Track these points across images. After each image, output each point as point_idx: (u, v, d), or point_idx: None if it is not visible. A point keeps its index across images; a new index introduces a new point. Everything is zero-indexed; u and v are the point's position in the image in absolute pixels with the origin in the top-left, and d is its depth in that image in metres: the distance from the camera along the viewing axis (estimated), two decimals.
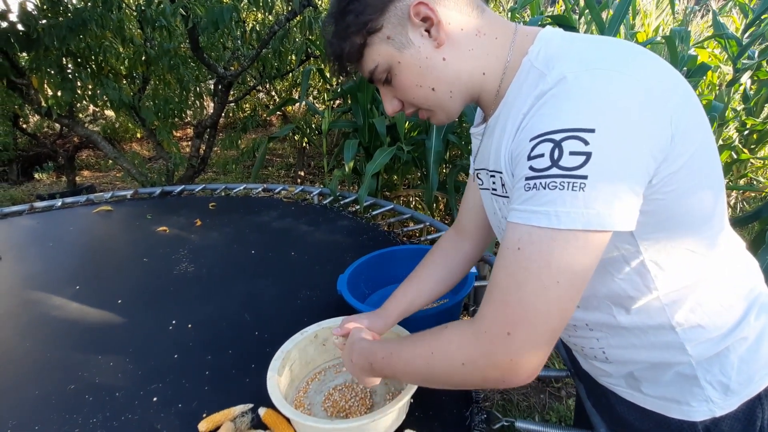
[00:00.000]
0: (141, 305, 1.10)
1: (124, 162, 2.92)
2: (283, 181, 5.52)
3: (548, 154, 0.41)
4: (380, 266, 1.10)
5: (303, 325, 0.84)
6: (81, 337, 0.97)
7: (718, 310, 0.52)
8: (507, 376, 0.45)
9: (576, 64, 0.44)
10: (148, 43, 2.78)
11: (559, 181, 0.41)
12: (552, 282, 0.42)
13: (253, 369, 0.84)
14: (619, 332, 0.55)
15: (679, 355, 0.53)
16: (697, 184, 0.47)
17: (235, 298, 1.12)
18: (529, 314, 0.43)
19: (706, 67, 2.02)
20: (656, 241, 0.49)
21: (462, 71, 0.52)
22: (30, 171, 6.33)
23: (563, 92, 0.43)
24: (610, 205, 0.41)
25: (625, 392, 0.60)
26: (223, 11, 1.63)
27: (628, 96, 0.42)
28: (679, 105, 0.44)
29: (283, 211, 1.86)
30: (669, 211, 0.47)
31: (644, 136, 0.42)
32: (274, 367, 0.70)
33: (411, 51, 0.51)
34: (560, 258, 0.41)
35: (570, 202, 0.40)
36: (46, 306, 1.11)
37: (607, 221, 0.41)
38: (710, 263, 0.52)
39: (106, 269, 1.34)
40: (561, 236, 0.41)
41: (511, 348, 0.44)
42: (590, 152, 0.40)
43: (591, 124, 0.40)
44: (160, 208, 1.96)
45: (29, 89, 2.22)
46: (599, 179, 0.40)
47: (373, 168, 1.86)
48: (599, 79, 0.42)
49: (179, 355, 0.89)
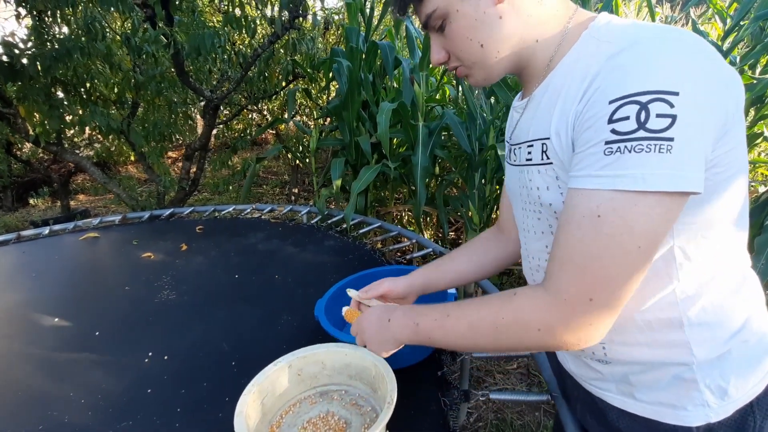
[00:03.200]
0: (118, 337, 1.08)
1: (114, 187, 2.92)
2: (277, 198, 5.52)
3: (634, 116, 0.41)
4: (361, 288, 1.08)
5: (282, 353, 0.82)
6: (54, 373, 0.95)
7: (726, 310, 0.51)
8: (584, 339, 0.47)
9: (647, 31, 0.44)
10: (137, 69, 2.81)
11: (646, 144, 0.40)
12: (634, 247, 0.42)
13: (227, 402, 0.82)
14: (626, 325, 0.53)
15: (682, 355, 0.51)
16: (738, 177, 0.47)
17: (215, 326, 1.10)
18: (610, 280, 0.43)
19: None
20: (689, 227, 0.48)
21: (515, 33, 0.53)
22: (25, 197, 6.33)
23: (642, 54, 0.42)
24: (692, 167, 0.41)
25: (615, 398, 0.58)
26: (204, 37, 1.65)
27: (701, 64, 0.42)
28: (737, 87, 0.45)
29: (270, 232, 1.85)
30: (711, 195, 0.46)
31: (715, 106, 0.42)
32: (243, 403, 0.68)
33: (471, 3, 0.52)
34: (644, 222, 0.42)
35: (658, 164, 0.40)
36: (21, 341, 1.09)
37: (691, 183, 0.41)
38: (730, 262, 0.51)
39: (86, 300, 1.32)
40: (646, 200, 0.41)
41: (593, 314, 0.45)
42: (676, 115, 0.40)
43: (676, 87, 0.40)
44: (147, 233, 1.95)
45: (16, 118, 2.23)
46: (684, 141, 0.40)
47: (358, 186, 1.86)
48: (678, 44, 0.42)
49: (152, 390, 0.87)
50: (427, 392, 0.80)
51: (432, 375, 0.85)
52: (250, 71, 2.54)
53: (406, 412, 0.74)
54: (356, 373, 0.80)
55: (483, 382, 1.77)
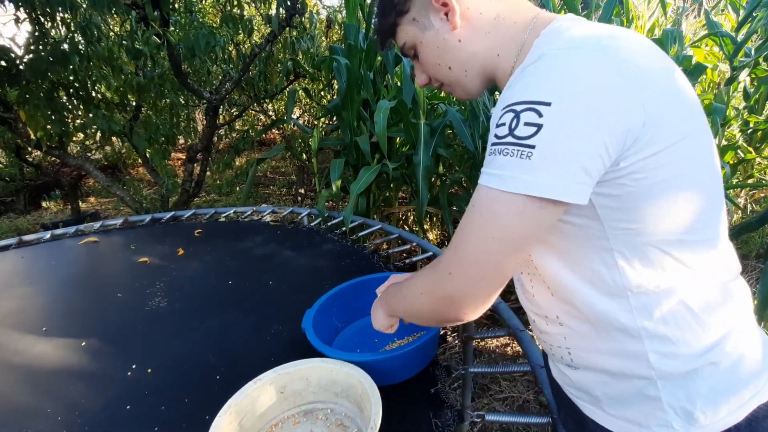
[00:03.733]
0: (105, 347, 1.05)
1: (118, 190, 2.92)
2: (284, 199, 5.50)
3: (508, 123, 0.45)
4: (354, 297, 1.04)
5: (268, 366, 0.78)
6: (36, 386, 0.92)
7: (692, 327, 0.49)
8: (451, 311, 0.51)
9: (562, 42, 0.46)
10: (140, 71, 2.80)
11: (511, 148, 0.44)
12: (489, 237, 0.46)
13: (207, 421, 0.77)
14: (585, 331, 0.54)
15: (642, 367, 0.51)
16: (676, 182, 0.47)
17: (203, 336, 1.06)
18: (466, 260, 0.48)
19: (702, 67, 1.95)
20: (625, 232, 0.48)
21: (477, 52, 0.57)
22: (38, 200, 6.44)
23: (536, 68, 0.45)
24: (552, 175, 0.43)
25: (587, 408, 0.58)
26: (198, 38, 1.61)
27: (595, 74, 0.43)
28: (659, 92, 0.45)
29: (268, 235, 1.81)
30: (640, 201, 0.47)
31: (605, 115, 0.43)
32: (217, 426, 0.64)
33: (431, 32, 0.58)
34: (501, 217, 0.45)
35: (516, 168, 0.44)
36: (8, 351, 1.06)
37: (546, 190, 0.43)
38: (693, 275, 0.49)
39: (77, 308, 1.29)
40: (505, 198, 0.45)
41: (450, 286, 0.50)
42: (542, 124, 0.42)
43: (549, 98, 0.43)
44: (146, 237, 1.93)
45: (17, 123, 2.23)
46: (546, 149, 0.42)
47: (357, 187, 1.81)
48: (573, 57, 0.44)
49: (131, 406, 0.83)
50: (417, 412, 0.74)
51: (424, 392, 0.79)
52: (251, 71, 2.50)
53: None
54: (342, 391, 0.75)
55: (488, 390, 1.70)
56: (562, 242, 0.52)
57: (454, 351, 1.60)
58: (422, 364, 0.85)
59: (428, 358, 0.86)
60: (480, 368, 0.87)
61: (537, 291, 0.58)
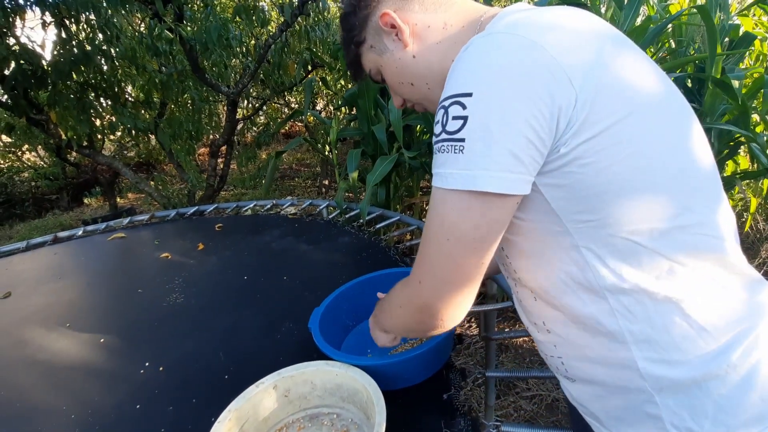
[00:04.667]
0: (121, 344, 1.06)
1: (146, 186, 3.00)
2: (309, 191, 5.54)
3: (440, 120, 0.44)
4: (364, 294, 0.99)
5: (277, 367, 0.76)
6: (53, 383, 0.94)
7: (683, 330, 0.44)
8: (429, 319, 0.51)
9: (486, 32, 0.45)
10: (162, 68, 2.84)
11: (446, 144, 0.44)
12: (443, 239, 0.45)
13: (211, 423, 0.75)
14: (572, 338, 0.51)
15: (633, 377, 0.47)
16: (630, 164, 0.43)
17: (215, 334, 1.05)
18: (430, 267, 0.48)
19: (751, 37, 1.76)
20: (586, 225, 0.45)
21: (432, 63, 0.56)
22: (80, 197, 6.80)
23: (460, 60, 0.44)
24: (486, 167, 0.41)
25: (595, 426, 0.55)
26: (210, 31, 1.60)
27: (509, 56, 0.41)
28: (593, 66, 0.42)
29: (285, 229, 1.80)
30: (592, 189, 0.43)
31: (526, 97, 0.40)
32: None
33: (388, 55, 0.59)
34: (449, 217, 0.45)
35: (452, 163, 0.43)
36: (33, 347, 1.09)
37: (482, 183, 0.42)
38: (679, 269, 0.44)
39: (100, 304, 1.32)
40: (449, 196, 0.44)
41: (422, 295, 0.50)
42: (467, 116, 0.42)
43: (469, 88, 0.42)
44: (170, 232, 1.97)
45: (48, 124, 2.31)
46: (475, 142, 0.41)
47: (374, 178, 1.75)
48: (489, 43, 0.43)
49: (141, 406, 0.83)
50: (428, 420, 0.69)
51: (436, 398, 0.74)
52: (269, 62, 2.48)
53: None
54: (348, 395, 0.71)
55: (514, 388, 1.64)
56: (527, 243, 0.50)
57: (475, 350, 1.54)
58: (434, 368, 0.80)
59: (441, 361, 0.81)
60: (499, 373, 0.81)
61: (522, 296, 0.56)
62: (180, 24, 1.73)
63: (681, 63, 1.91)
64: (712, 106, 1.98)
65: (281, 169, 6.45)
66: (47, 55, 2.19)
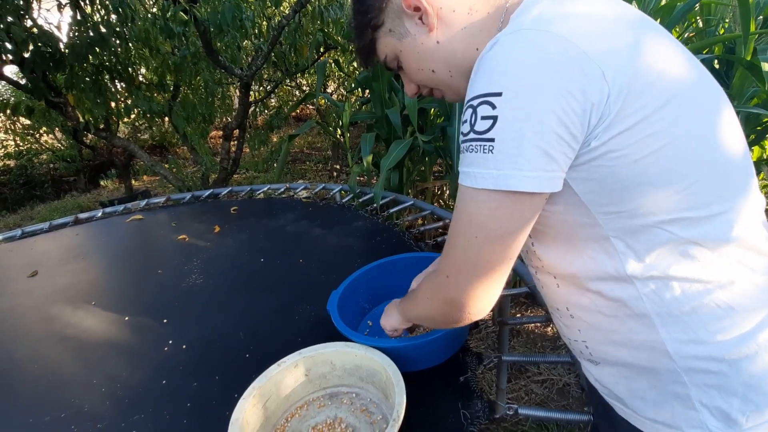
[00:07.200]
0: (145, 323, 1.10)
1: (161, 169, 3.04)
2: (320, 175, 5.54)
3: (469, 119, 0.44)
4: (381, 277, 1.00)
5: (296, 346, 0.78)
6: (83, 359, 0.98)
7: (713, 311, 0.45)
8: (456, 313, 0.52)
9: (513, 26, 0.44)
10: (176, 51, 2.84)
11: (474, 144, 0.44)
12: (471, 236, 0.46)
13: (234, 399, 0.78)
14: (596, 322, 0.51)
15: (661, 358, 0.47)
16: (662, 155, 0.42)
17: (234, 315, 1.08)
18: (456, 263, 0.49)
19: None
20: (617, 216, 0.45)
21: (456, 50, 0.55)
22: (97, 179, 6.92)
23: (487, 57, 0.44)
24: (515, 167, 0.41)
25: (617, 407, 0.55)
26: (225, 12, 1.59)
27: (539, 54, 0.41)
28: (625, 58, 0.41)
29: (300, 212, 1.82)
30: (623, 181, 0.43)
31: (557, 94, 0.40)
32: (240, 409, 0.64)
33: (409, 39, 0.56)
34: (478, 215, 0.45)
35: (482, 163, 0.43)
36: (60, 324, 1.13)
37: (514, 182, 0.42)
38: (709, 254, 0.45)
39: (122, 284, 1.36)
40: (479, 195, 0.44)
41: (449, 289, 0.50)
42: (496, 116, 0.41)
43: (499, 88, 0.41)
44: (186, 215, 1.99)
45: (66, 107, 2.34)
46: (506, 141, 0.41)
47: (388, 163, 1.75)
48: (517, 40, 0.42)
49: (167, 381, 0.86)
50: (446, 401, 0.71)
51: (453, 381, 0.76)
52: (282, 44, 2.46)
53: (418, 424, 0.66)
54: (367, 376, 0.73)
55: (525, 372, 1.65)
56: (555, 233, 0.50)
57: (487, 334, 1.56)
58: (451, 351, 0.81)
59: (458, 344, 0.82)
60: (514, 357, 0.82)
61: (545, 282, 0.57)
62: (194, 5, 1.72)
63: (709, 43, 1.84)
64: (741, 89, 1.91)
65: (292, 153, 6.46)
66: (63, 37, 2.20)
